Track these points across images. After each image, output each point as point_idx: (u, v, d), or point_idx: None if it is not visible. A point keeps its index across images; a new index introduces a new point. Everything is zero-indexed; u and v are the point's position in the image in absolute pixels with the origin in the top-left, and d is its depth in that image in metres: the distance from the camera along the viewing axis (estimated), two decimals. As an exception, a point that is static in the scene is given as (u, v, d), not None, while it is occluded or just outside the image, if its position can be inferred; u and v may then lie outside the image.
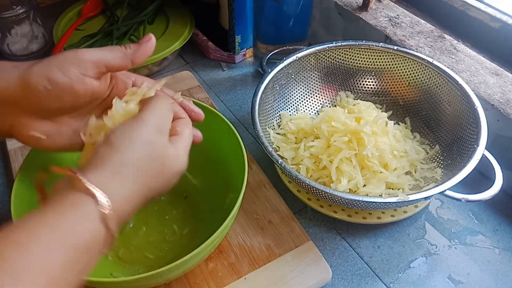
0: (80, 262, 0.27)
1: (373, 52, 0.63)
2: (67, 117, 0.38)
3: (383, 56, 0.63)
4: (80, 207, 0.28)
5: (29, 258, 0.24)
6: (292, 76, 0.63)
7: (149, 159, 0.33)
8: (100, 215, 0.28)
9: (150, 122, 0.34)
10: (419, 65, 0.60)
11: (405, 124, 0.62)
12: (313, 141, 0.55)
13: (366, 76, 0.65)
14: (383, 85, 0.65)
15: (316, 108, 0.65)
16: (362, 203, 0.46)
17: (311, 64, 0.64)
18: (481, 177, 0.56)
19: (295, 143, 0.58)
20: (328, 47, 0.62)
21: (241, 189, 0.43)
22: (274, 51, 0.66)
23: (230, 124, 0.49)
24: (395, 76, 0.64)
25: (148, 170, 0.33)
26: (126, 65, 0.37)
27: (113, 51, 0.36)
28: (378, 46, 0.62)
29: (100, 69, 0.35)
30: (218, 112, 0.50)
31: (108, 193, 0.29)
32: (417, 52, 0.60)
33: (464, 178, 0.47)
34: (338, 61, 0.64)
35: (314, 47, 0.62)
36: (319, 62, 0.64)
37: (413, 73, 0.61)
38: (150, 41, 0.38)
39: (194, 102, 0.51)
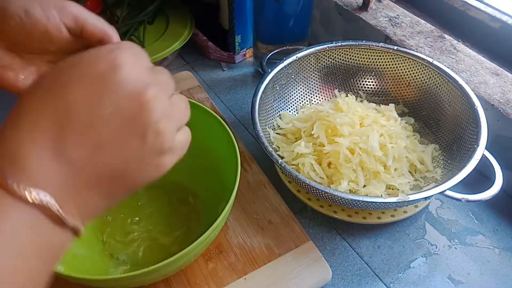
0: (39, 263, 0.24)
1: (373, 52, 0.63)
2: (37, 59, 0.36)
3: (383, 56, 0.63)
4: (12, 212, 0.23)
5: None
6: (292, 76, 0.63)
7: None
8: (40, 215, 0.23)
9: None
10: (419, 65, 0.60)
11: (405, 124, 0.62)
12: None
13: (366, 76, 0.65)
14: (383, 85, 0.65)
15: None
16: (362, 203, 0.46)
17: (311, 64, 0.64)
18: (481, 177, 0.56)
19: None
20: (328, 47, 0.62)
21: (232, 194, 0.43)
22: (274, 51, 0.66)
23: (224, 122, 0.49)
24: (395, 76, 0.63)
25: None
26: (101, 37, 0.34)
27: (97, 19, 0.34)
28: (378, 46, 0.62)
29: (77, 26, 0.33)
30: (208, 109, 0.50)
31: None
32: (417, 52, 0.60)
33: (464, 178, 0.47)
34: (338, 61, 0.64)
35: (314, 47, 0.62)
36: (319, 62, 0.64)
37: (413, 73, 0.61)
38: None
39: (194, 103, 0.51)
